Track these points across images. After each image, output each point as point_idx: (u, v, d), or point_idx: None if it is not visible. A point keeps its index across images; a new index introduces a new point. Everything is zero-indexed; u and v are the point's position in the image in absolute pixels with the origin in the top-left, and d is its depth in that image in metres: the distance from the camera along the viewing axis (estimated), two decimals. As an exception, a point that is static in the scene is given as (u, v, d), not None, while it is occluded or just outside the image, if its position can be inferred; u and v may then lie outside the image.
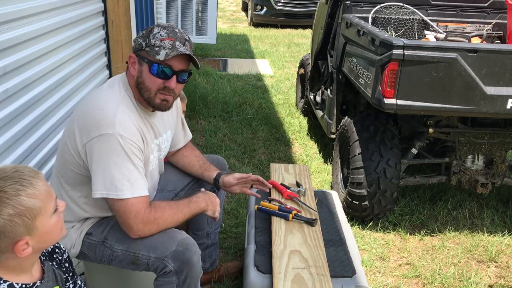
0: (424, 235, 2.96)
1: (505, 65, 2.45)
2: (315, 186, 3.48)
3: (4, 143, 1.95)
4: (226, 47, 8.51)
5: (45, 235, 1.17)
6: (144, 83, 1.68)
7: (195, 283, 1.72)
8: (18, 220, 1.10)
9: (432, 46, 2.46)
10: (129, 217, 1.62)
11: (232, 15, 13.43)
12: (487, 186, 2.97)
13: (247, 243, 2.13)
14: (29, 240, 1.14)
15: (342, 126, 3.24)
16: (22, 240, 1.12)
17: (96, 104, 1.66)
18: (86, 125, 1.62)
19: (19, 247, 1.12)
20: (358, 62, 2.95)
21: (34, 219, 1.13)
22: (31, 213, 1.12)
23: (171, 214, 1.69)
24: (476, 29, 3.57)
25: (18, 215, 1.10)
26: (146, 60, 1.66)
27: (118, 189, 1.59)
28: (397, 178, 2.86)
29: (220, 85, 5.92)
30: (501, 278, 2.62)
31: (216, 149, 4.06)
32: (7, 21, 1.98)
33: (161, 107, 1.74)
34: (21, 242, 1.12)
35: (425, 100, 2.51)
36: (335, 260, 1.91)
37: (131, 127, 1.65)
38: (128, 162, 1.61)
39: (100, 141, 1.59)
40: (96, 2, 3.22)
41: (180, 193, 2.17)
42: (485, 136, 2.93)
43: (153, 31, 1.67)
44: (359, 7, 3.47)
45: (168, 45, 1.65)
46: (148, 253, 1.66)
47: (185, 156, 2.19)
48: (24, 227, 1.12)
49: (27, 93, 2.16)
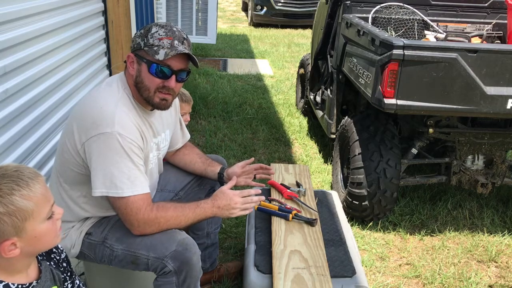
0: (424, 235, 2.96)
1: (505, 65, 2.45)
2: (315, 186, 3.48)
3: (4, 143, 1.95)
4: (226, 47, 8.51)
5: (34, 239, 1.15)
6: (143, 82, 1.68)
7: (194, 283, 1.72)
8: (7, 219, 1.09)
9: (432, 46, 2.46)
10: (130, 214, 1.62)
11: (232, 15, 13.43)
12: (487, 186, 2.97)
13: (247, 243, 2.13)
14: (16, 241, 1.12)
15: (342, 126, 3.24)
16: (8, 240, 1.11)
17: (94, 103, 1.66)
18: (85, 124, 1.62)
19: (4, 246, 1.11)
20: (358, 62, 2.95)
21: (24, 221, 1.11)
22: (22, 214, 1.11)
23: (174, 216, 1.69)
24: (476, 29, 3.57)
25: (8, 214, 1.09)
26: (145, 59, 1.66)
27: (118, 187, 1.59)
28: (397, 178, 2.86)
29: (220, 85, 5.92)
30: (501, 278, 2.62)
31: (216, 149, 4.06)
32: (7, 21, 1.98)
33: (160, 106, 1.74)
34: (7, 242, 1.11)
35: (425, 100, 2.51)
36: (335, 260, 1.91)
37: (130, 125, 1.65)
38: (128, 160, 1.61)
39: (99, 140, 1.59)
40: (96, 2, 3.22)
41: (180, 192, 2.17)
42: (485, 136, 2.92)
43: (151, 30, 1.67)
44: (359, 7, 3.47)
45: (167, 44, 1.65)
46: (148, 253, 1.66)
47: (186, 154, 2.19)
48: (13, 227, 1.10)
49: (27, 93, 2.16)
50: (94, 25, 3.17)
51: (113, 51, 3.53)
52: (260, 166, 2.18)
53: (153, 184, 1.94)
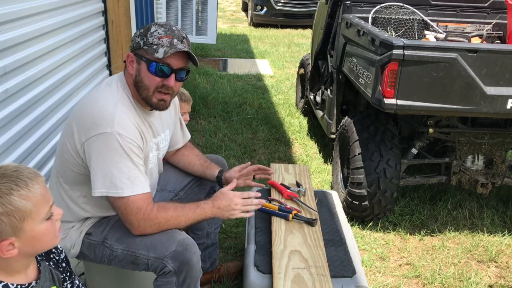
0: (424, 235, 2.96)
1: (505, 65, 2.45)
2: (315, 186, 3.48)
3: (4, 143, 1.95)
4: (226, 47, 8.51)
5: (32, 239, 1.15)
6: (143, 81, 1.68)
7: (194, 284, 1.72)
8: (5, 219, 1.09)
9: (432, 46, 2.46)
10: (130, 213, 1.62)
11: (232, 15, 13.43)
12: (487, 186, 2.97)
13: (247, 243, 2.13)
14: (15, 241, 1.12)
15: (342, 126, 3.24)
16: (6, 240, 1.11)
17: (94, 103, 1.66)
18: (84, 124, 1.62)
19: (2, 246, 1.11)
20: (358, 62, 2.95)
21: (22, 221, 1.11)
22: (20, 214, 1.10)
23: (174, 216, 1.69)
24: (476, 29, 3.57)
25: (6, 214, 1.09)
26: (144, 58, 1.66)
27: (118, 187, 1.59)
28: (397, 178, 2.86)
29: (220, 85, 5.92)
30: (501, 278, 2.62)
31: (216, 149, 4.06)
32: (7, 21, 1.98)
33: (159, 107, 1.74)
34: (5, 242, 1.11)
35: (425, 100, 2.51)
36: (335, 260, 1.91)
37: (129, 125, 1.65)
38: (128, 160, 1.61)
39: (99, 140, 1.59)
40: (96, 2, 3.22)
41: (180, 193, 2.17)
42: (485, 136, 2.92)
43: (150, 29, 1.67)
44: (359, 7, 3.47)
45: (166, 43, 1.65)
46: (148, 253, 1.66)
47: (185, 155, 2.19)
48: (11, 227, 1.10)
49: (27, 93, 2.16)
50: (94, 25, 3.17)
51: (113, 51, 3.53)
52: (258, 167, 2.18)
53: (153, 184, 1.94)
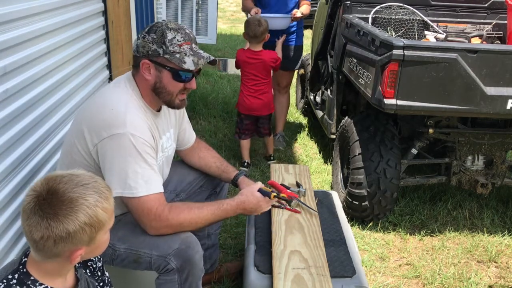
0: (424, 235, 2.96)
1: (505, 65, 2.45)
2: (315, 186, 3.48)
3: (4, 143, 1.95)
4: (226, 47, 8.50)
5: (96, 248, 1.19)
6: (166, 88, 1.72)
7: (196, 282, 1.73)
8: (88, 230, 1.11)
9: (432, 46, 2.46)
10: (142, 214, 1.65)
11: (232, 15, 13.43)
12: (487, 186, 2.97)
13: (247, 243, 2.13)
14: (84, 250, 1.15)
15: (342, 126, 3.24)
16: (81, 249, 1.13)
17: (104, 104, 1.67)
18: (96, 125, 1.63)
19: (77, 255, 1.13)
20: (358, 62, 2.95)
21: (97, 232, 1.14)
22: (99, 226, 1.13)
23: (188, 218, 1.70)
24: (476, 29, 3.57)
25: (90, 225, 1.11)
26: (168, 67, 1.68)
27: (133, 188, 1.61)
28: (397, 179, 2.86)
29: (220, 85, 5.92)
30: (501, 278, 2.62)
31: (216, 149, 4.00)
32: (7, 21, 1.98)
33: (181, 106, 1.81)
34: (79, 251, 1.13)
35: (425, 100, 2.51)
36: (335, 260, 1.91)
37: (141, 125, 1.67)
38: (141, 161, 1.63)
39: (112, 141, 1.60)
40: (96, 2, 3.21)
41: (181, 194, 2.17)
42: (485, 137, 2.92)
43: (167, 36, 1.66)
44: (359, 8, 3.47)
45: (189, 51, 1.68)
46: (151, 251, 1.67)
47: (202, 158, 2.22)
48: (88, 237, 1.12)
49: (27, 93, 2.16)
50: (94, 25, 3.17)
51: (113, 52, 3.53)
52: None
53: None
